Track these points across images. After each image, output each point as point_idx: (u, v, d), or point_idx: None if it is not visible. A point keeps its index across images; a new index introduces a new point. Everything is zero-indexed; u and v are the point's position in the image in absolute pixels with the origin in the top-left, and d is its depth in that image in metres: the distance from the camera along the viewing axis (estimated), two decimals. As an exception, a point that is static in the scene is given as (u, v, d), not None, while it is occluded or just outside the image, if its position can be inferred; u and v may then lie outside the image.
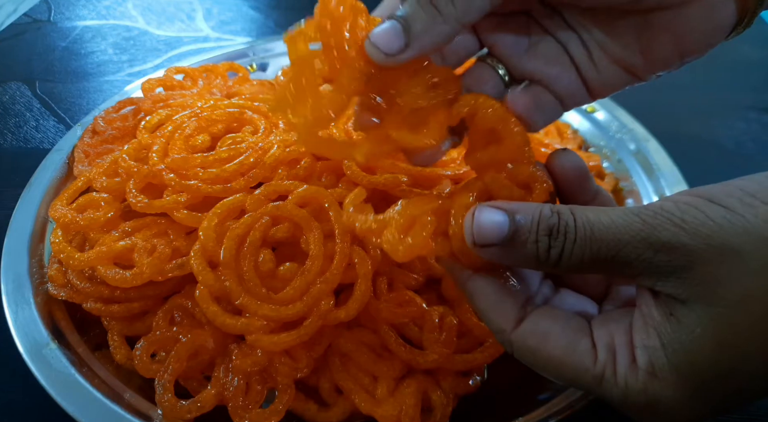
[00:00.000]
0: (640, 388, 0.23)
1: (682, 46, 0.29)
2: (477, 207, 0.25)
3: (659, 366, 0.23)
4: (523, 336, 0.26)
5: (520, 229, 0.24)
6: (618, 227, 0.23)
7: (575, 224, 0.23)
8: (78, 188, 0.42)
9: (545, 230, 0.24)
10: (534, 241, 0.24)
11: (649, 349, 0.23)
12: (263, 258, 0.35)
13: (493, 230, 0.24)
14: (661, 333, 0.23)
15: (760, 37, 0.79)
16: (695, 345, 0.22)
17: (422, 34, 0.26)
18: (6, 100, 0.64)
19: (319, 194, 0.37)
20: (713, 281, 0.22)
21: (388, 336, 0.36)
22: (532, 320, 0.26)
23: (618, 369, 0.24)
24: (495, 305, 0.26)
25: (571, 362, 0.25)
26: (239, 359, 0.34)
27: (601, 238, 0.23)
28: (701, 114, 0.65)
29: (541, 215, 0.24)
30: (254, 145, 0.40)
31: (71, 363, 0.35)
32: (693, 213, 0.22)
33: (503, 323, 0.26)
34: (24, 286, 0.39)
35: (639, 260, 0.22)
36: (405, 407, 0.34)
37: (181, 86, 0.54)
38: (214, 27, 0.80)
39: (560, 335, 0.25)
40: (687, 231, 0.22)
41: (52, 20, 0.80)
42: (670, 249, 0.22)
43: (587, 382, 0.25)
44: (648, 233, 0.22)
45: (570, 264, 0.24)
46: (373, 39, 0.26)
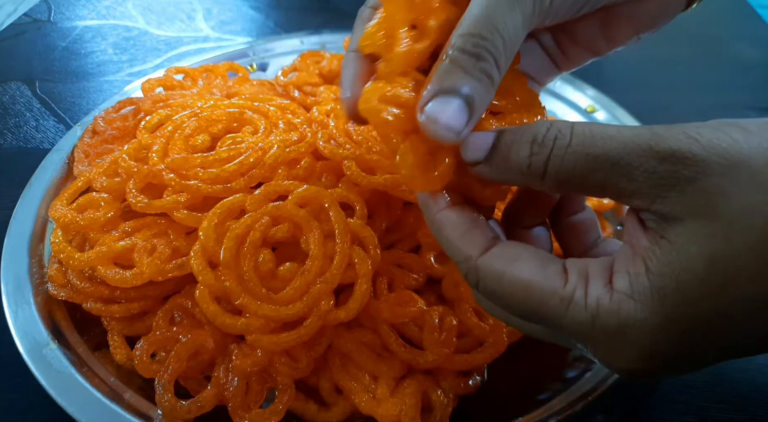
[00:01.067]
0: (613, 310, 0.21)
1: (640, 26, 0.32)
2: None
3: (639, 288, 0.21)
4: (490, 260, 0.24)
5: (504, 139, 0.24)
6: (624, 136, 0.21)
7: (572, 131, 0.22)
8: (78, 188, 0.42)
9: (529, 137, 0.23)
10: (517, 149, 0.23)
11: (631, 274, 0.22)
12: (263, 258, 0.35)
13: (480, 143, 0.24)
14: (647, 258, 0.21)
15: (760, 37, 0.79)
16: (685, 263, 0.21)
17: (480, 108, 0.24)
18: (6, 100, 0.64)
19: (319, 194, 0.37)
20: (717, 194, 0.20)
21: (388, 336, 0.36)
22: (501, 245, 0.25)
23: (590, 291, 0.22)
24: (463, 234, 0.25)
25: (539, 283, 0.23)
26: (239, 359, 0.34)
27: (603, 145, 0.22)
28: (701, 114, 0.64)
29: (528, 126, 0.23)
30: (254, 145, 0.40)
31: (71, 363, 0.35)
32: (710, 130, 0.21)
33: (471, 249, 0.25)
34: (24, 286, 0.39)
35: (640, 169, 0.21)
36: (405, 407, 0.34)
37: (181, 86, 0.54)
38: (214, 27, 0.80)
39: (529, 258, 0.24)
40: (700, 143, 0.21)
41: (52, 20, 0.80)
42: (678, 159, 0.21)
43: (553, 307, 0.23)
44: (657, 141, 0.21)
45: (560, 173, 0.22)
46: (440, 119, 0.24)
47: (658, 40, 0.34)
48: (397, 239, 0.42)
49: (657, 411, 0.37)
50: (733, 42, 0.77)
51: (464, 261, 0.25)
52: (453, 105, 0.24)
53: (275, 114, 0.45)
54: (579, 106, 0.57)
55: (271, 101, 0.47)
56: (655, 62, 0.73)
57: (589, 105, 0.57)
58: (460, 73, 0.24)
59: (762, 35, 0.79)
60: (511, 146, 0.23)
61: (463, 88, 0.24)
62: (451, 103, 0.24)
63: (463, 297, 0.38)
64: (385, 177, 0.39)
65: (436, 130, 0.24)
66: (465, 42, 0.24)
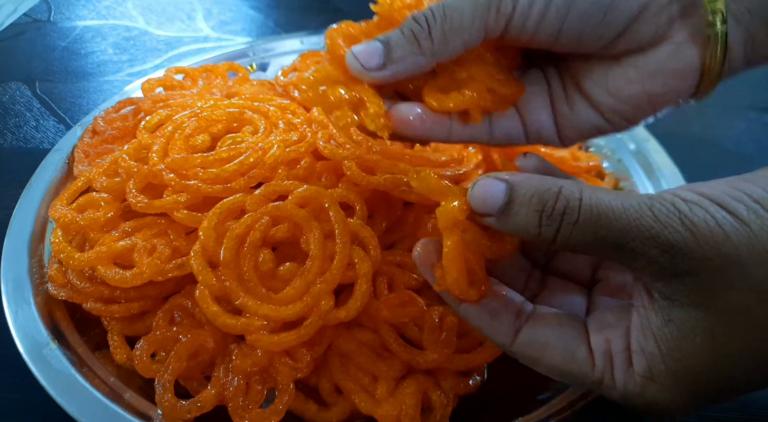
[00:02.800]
0: (638, 392, 0.24)
1: (650, 87, 0.29)
2: (481, 176, 0.25)
3: (657, 371, 0.24)
4: (523, 348, 0.27)
5: (515, 200, 0.24)
6: (629, 218, 0.22)
7: (580, 205, 0.23)
8: (78, 188, 0.42)
9: (538, 206, 0.23)
10: (527, 215, 0.24)
11: (646, 354, 0.24)
12: (263, 258, 0.35)
13: (490, 199, 0.24)
14: (659, 339, 0.24)
15: (760, 37, 0.79)
16: (694, 351, 0.23)
17: (399, 60, 0.28)
18: (6, 100, 0.64)
19: (319, 194, 0.37)
20: (716, 289, 0.22)
21: (388, 336, 0.36)
22: (527, 331, 0.27)
23: (616, 375, 0.25)
24: (489, 325, 0.28)
25: (570, 370, 0.26)
26: (239, 359, 0.34)
27: (608, 226, 0.22)
28: (701, 114, 0.65)
29: (537, 190, 0.24)
30: (254, 145, 0.40)
31: (71, 363, 0.35)
32: (703, 217, 0.22)
33: (501, 338, 0.27)
34: (24, 286, 0.39)
35: (645, 256, 0.22)
36: (405, 407, 0.34)
37: (181, 86, 0.54)
38: (214, 27, 0.80)
39: (557, 345, 0.26)
40: (696, 236, 0.22)
41: (52, 20, 0.80)
42: (678, 252, 0.22)
43: (588, 386, 0.26)
44: (658, 231, 0.22)
45: (569, 244, 0.24)
46: (355, 51, 0.29)
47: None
48: (397, 239, 0.42)
49: (657, 411, 0.37)
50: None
51: (502, 347, 0.28)
52: (370, 43, 0.29)
53: (275, 114, 0.45)
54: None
55: (271, 101, 0.47)
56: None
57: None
58: (396, 30, 0.29)
59: (762, 35, 0.79)
60: (521, 211, 0.24)
61: (389, 38, 0.28)
62: (373, 45, 0.28)
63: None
64: (385, 177, 0.39)
65: (351, 62, 0.29)
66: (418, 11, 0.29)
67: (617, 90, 0.30)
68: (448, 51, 0.28)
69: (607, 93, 0.30)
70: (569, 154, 0.51)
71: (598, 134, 0.31)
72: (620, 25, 0.27)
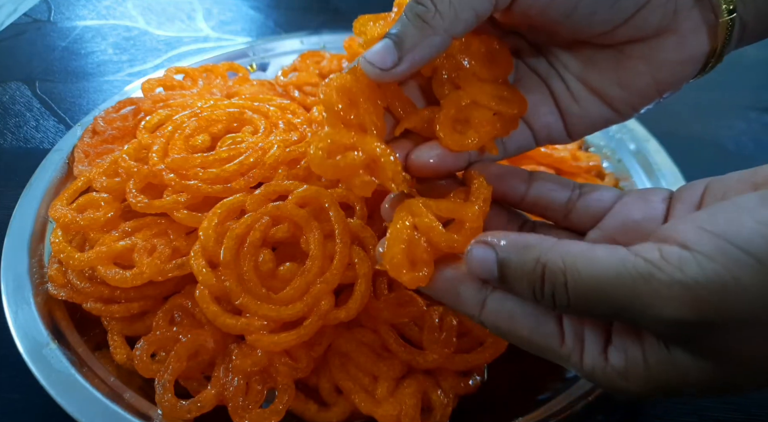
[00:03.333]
0: (607, 380, 0.24)
1: (659, 77, 0.29)
2: (473, 243, 0.25)
3: (634, 375, 0.23)
4: (491, 318, 0.26)
5: (507, 277, 0.24)
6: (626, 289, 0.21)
7: (566, 288, 0.22)
8: (78, 188, 0.42)
9: (528, 286, 0.24)
10: (521, 289, 0.24)
11: (628, 358, 0.23)
12: (263, 258, 0.35)
13: (485, 270, 0.25)
14: (647, 353, 0.23)
15: (760, 37, 0.79)
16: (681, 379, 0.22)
17: (413, 48, 0.27)
18: (6, 100, 0.64)
19: (319, 194, 0.37)
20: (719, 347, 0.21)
21: (388, 335, 0.36)
22: (493, 300, 0.26)
23: (585, 359, 0.24)
24: (457, 298, 0.27)
25: (538, 342, 0.25)
26: (239, 359, 0.34)
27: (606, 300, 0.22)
28: (701, 114, 0.65)
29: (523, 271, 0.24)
30: (254, 145, 0.40)
31: (71, 363, 0.35)
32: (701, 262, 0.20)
33: (470, 309, 0.26)
34: (24, 286, 0.39)
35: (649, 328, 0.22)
36: (405, 407, 0.34)
37: (181, 86, 0.54)
38: (214, 27, 0.80)
39: (524, 316, 0.25)
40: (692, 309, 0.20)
41: (52, 20, 0.80)
42: (684, 326, 0.21)
43: (555, 359, 0.25)
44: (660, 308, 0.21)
45: (569, 309, 0.23)
46: (368, 57, 0.27)
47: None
48: (397, 239, 0.42)
49: (657, 411, 0.37)
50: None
51: (472, 318, 0.27)
52: (380, 44, 0.27)
53: (275, 114, 0.45)
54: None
55: (271, 101, 0.47)
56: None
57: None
58: (400, 19, 0.27)
59: (762, 35, 0.79)
60: (516, 286, 0.24)
61: (397, 31, 0.26)
62: (383, 45, 0.27)
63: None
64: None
65: (365, 67, 0.27)
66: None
67: (627, 82, 0.30)
68: (461, 25, 0.26)
69: (617, 86, 0.30)
70: (569, 154, 0.51)
71: (607, 124, 0.32)
72: (630, 10, 0.27)
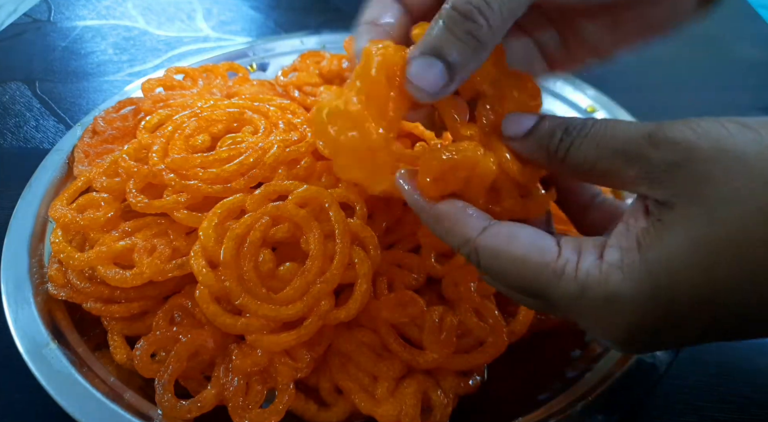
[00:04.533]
0: (601, 280, 0.22)
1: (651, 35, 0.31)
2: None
3: (629, 261, 0.22)
4: (488, 238, 0.25)
5: (542, 124, 0.25)
6: (632, 129, 0.23)
7: (594, 123, 0.24)
8: (78, 188, 0.42)
9: (563, 126, 0.25)
10: (550, 134, 0.25)
11: (623, 249, 0.23)
12: (263, 258, 0.35)
13: (522, 124, 0.26)
14: (641, 236, 0.22)
15: (760, 37, 0.79)
16: (673, 244, 0.21)
17: (464, 68, 0.25)
18: (6, 100, 0.64)
19: (319, 194, 0.37)
20: (704, 179, 0.21)
21: (388, 336, 0.36)
22: (497, 225, 0.26)
23: (581, 265, 0.23)
24: (459, 219, 0.26)
25: (533, 258, 0.24)
26: (239, 359, 0.34)
27: (612, 135, 0.23)
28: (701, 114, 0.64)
29: (567, 118, 0.25)
30: (254, 145, 0.40)
31: (71, 363, 0.35)
32: (711, 123, 0.22)
33: (469, 231, 0.25)
34: (24, 286, 0.39)
35: (638, 157, 0.22)
36: (405, 407, 0.34)
37: (181, 86, 0.54)
38: (214, 27, 0.80)
39: (524, 235, 0.25)
40: (697, 132, 0.21)
41: (52, 20, 0.80)
42: (671, 145, 0.21)
43: (546, 279, 0.23)
44: (655, 130, 0.22)
45: (576, 158, 0.24)
46: (415, 79, 0.25)
47: (658, 39, 0.34)
48: (397, 239, 0.42)
49: (657, 411, 0.37)
50: (734, 42, 0.77)
51: (464, 244, 0.26)
52: (427, 66, 0.25)
53: (275, 114, 0.45)
54: (579, 106, 0.57)
55: (271, 101, 0.47)
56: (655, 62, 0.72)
57: (589, 105, 0.57)
58: (446, 34, 0.24)
59: (762, 35, 0.79)
60: (547, 131, 0.25)
61: (446, 51, 0.25)
62: (432, 67, 0.25)
63: (463, 297, 0.38)
64: (385, 177, 0.39)
65: (415, 92, 0.26)
66: (457, 0, 0.24)
67: (623, 41, 0.31)
68: (503, 33, 0.26)
69: (613, 45, 0.31)
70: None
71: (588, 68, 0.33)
72: None
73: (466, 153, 0.26)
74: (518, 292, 0.26)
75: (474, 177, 0.27)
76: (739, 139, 0.21)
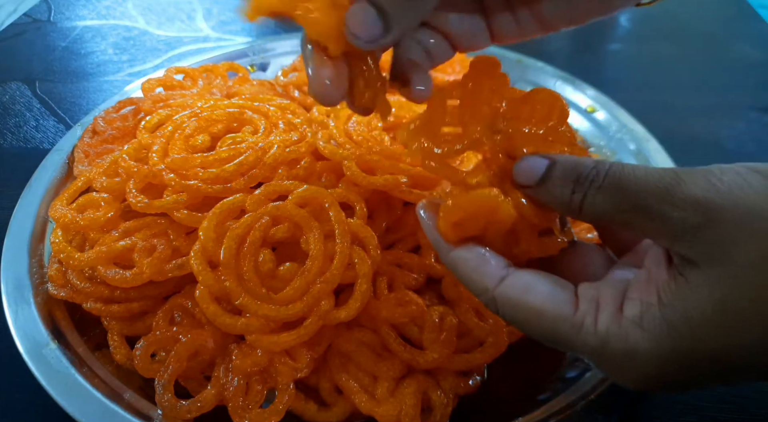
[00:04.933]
0: (621, 336, 0.23)
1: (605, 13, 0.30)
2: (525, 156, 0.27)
3: (649, 318, 0.22)
4: (506, 290, 0.25)
5: (553, 172, 0.25)
6: (649, 179, 0.23)
7: (606, 172, 0.24)
8: (78, 188, 0.42)
9: (574, 175, 0.25)
10: (562, 184, 0.25)
11: (643, 303, 0.23)
12: (263, 258, 0.35)
13: (531, 171, 0.26)
14: (661, 290, 0.22)
15: (760, 37, 0.79)
16: (696, 302, 0.21)
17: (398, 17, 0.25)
18: (6, 100, 0.64)
19: (319, 194, 0.37)
20: (729, 242, 0.21)
21: (388, 336, 0.36)
22: (514, 275, 0.26)
23: (599, 318, 0.23)
24: (478, 268, 0.26)
25: (551, 311, 0.24)
26: (239, 359, 0.34)
27: (628, 187, 0.23)
28: (701, 114, 0.65)
29: (577, 163, 0.25)
30: (254, 145, 0.40)
31: (71, 363, 0.35)
32: (733, 176, 0.21)
33: (487, 281, 0.26)
34: (24, 286, 0.39)
35: (658, 213, 0.22)
36: (405, 407, 0.34)
37: (181, 86, 0.54)
38: (214, 27, 0.80)
39: (541, 287, 0.25)
40: (719, 190, 0.21)
41: (52, 20, 0.80)
42: (692, 205, 0.21)
43: (565, 332, 0.24)
44: (675, 186, 0.22)
45: (593, 210, 0.24)
46: (351, 27, 0.25)
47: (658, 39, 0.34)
48: (397, 239, 0.42)
49: (657, 411, 0.37)
50: (733, 42, 0.77)
51: (482, 293, 0.26)
52: (368, 15, 0.25)
53: (275, 114, 0.45)
54: (579, 106, 0.57)
55: (271, 101, 0.47)
56: (655, 62, 0.72)
57: (589, 105, 0.57)
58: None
59: (762, 35, 0.79)
60: (559, 181, 0.25)
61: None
62: (366, 13, 0.25)
63: (463, 297, 0.38)
64: (385, 177, 0.39)
65: (352, 39, 0.26)
66: None
67: (576, 18, 0.30)
68: None
69: (565, 20, 0.30)
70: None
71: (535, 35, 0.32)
72: None
73: (487, 201, 0.26)
74: (538, 338, 0.26)
75: (493, 222, 0.27)
76: (762, 195, 0.21)
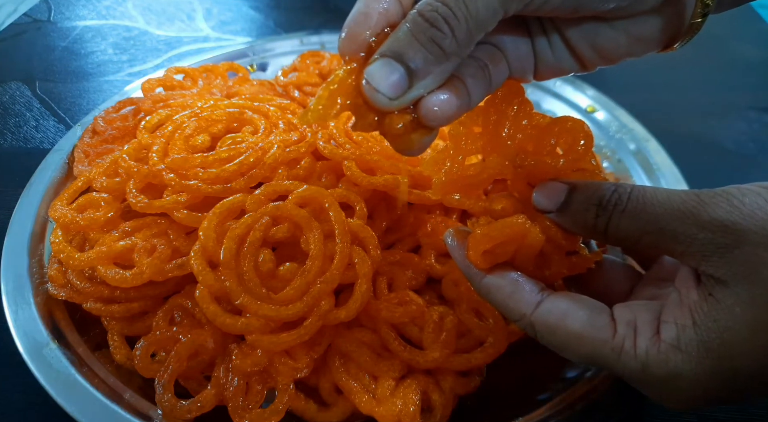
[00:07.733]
0: (661, 360, 0.23)
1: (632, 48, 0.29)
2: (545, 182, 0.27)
3: (686, 340, 0.23)
4: (543, 315, 0.26)
5: (575, 198, 0.26)
6: (672, 202, 0.23)
7: (629, 196, 0.24)
8: (78, 188, 0.42)
9: (596, 199, 0.25)
10: (585, 209, 0.25)
11: (678, 326, 0.23)
12: (263, 258, 0.35)
13: (553, 198, 0.26)
14: (695, 311, 0.23)
15: (760, 37, 0.79)
16: (730, 322, 0.22)
17: (425, 75, 0.24)
18: (6, 100, 0.64)
19: (319, 194, 0.37)
20: (758, 262, 0.21)
21: (388, 335, 0.36)
22: (550, 301, 0.26)
23: (638, 342, 0.24)
24: (513, 294, 0.27)
25: (590, 335, 0.25)
26: (239, 359, 0.34)
27: (652, 211, 0.24)
28: (701, 114, 0.65)
29: (597, 187, 0.25)
30: (254, 145, 0.40)
31: (71, 363, 0.35)
32: (754, 198, 0.22)
33: (523, 307, 0.27)
34: (24, 286, 0.39)
35: (684, 235, 0.23)
36: (405, 407, 0.34)
37: (181, 86, 0.54)
38: (214, 27, 0.80)
39: (579, 312, 0.26)
40: (742, 212, 0.22)
41: (52, 20, 0.80)
42: (718, 227, 0.22)
43: (605, 355, 0.25)
44: (699, 209, 0.23)
45: (618, 234, 0.25)
46: (375, 83, 0.24)
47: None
48: (397, 239, 0.42)
49: (657, 411, 0.37)
50: (734, 42, 0.77)
51: (520, 319, 0.27)
52: (387, 69, 0.24)
53: (275, 114, 0.45)
54: (579, 106, 0.57)
55: (271, 101, 0.47)
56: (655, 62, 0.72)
57: (589, 105, 0.57)
58: (409, 39, 0.23)
59: (762, 35, 0.79)
60: (580, 206, 0.26)
61: (409, 55, 0.23)
62: (392, 70, 0.23)
63: (463, 297, 0.38)
64: (385, 178, 0.39)
65: (371, 94, 0.24)
66: (424, 6, 0.23)
67: (603, 49, 0.29)
68: (469, 48, 0.25)
69: (592, 50, 0.29)
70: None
71: (569, 73, 0.32)
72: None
73: (515, 229, 0.27)
74: (577, 361, 0.27)
75: (523, 247, 0.27)
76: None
